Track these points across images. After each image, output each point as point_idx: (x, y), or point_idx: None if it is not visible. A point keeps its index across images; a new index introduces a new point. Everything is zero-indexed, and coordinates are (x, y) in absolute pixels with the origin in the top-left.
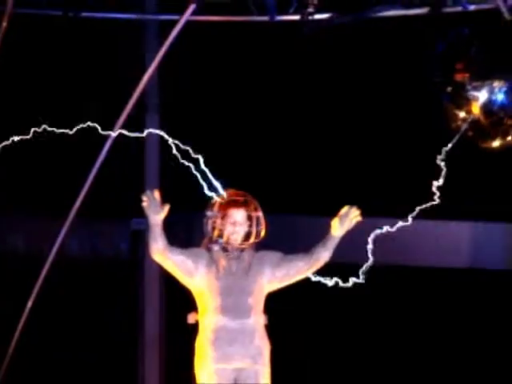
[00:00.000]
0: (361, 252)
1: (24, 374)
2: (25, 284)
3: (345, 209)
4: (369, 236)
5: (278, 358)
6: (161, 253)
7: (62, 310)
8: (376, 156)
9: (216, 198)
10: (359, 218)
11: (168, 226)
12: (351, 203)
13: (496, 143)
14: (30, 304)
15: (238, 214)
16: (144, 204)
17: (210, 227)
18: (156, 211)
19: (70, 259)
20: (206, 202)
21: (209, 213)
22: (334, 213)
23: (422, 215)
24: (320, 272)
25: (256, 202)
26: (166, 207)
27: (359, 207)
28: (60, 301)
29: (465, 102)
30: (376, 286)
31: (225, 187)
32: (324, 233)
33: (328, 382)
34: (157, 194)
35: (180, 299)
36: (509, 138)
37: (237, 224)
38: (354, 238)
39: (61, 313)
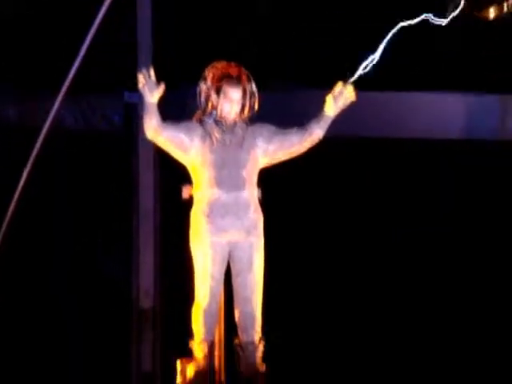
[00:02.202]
0: (356, 125)
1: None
2: (18, 156)
3: (339, 86)
4: (363, 109)
5: (271, 231)
6: (155, 130)
7: (57, 182)
8: (369, 26)
9: (208, 71)
10: (354, 97)
11: (161, 100)
12: (343, 76)
13: (491, 12)
14: (25, 175)
15: (235, 93)
16: (140, 84)
17: (203, 100)
18: (152, 90)
19: (64, 132)
20: (200, 74)
21: (202, 85)
22: (328, 85)
23: (416, 87)
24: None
25: (249, 74)
26: (162, 86)
27: (353, 82)
28: (54, 173)
29: None
30: (370, 158)
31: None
32: (318, 107)
33: (323, 253)
34: (152, 73)
35: (174, 172)
36: (504, 7)
37: (233, 102)
38: (347, 112)
39: (55, 185)
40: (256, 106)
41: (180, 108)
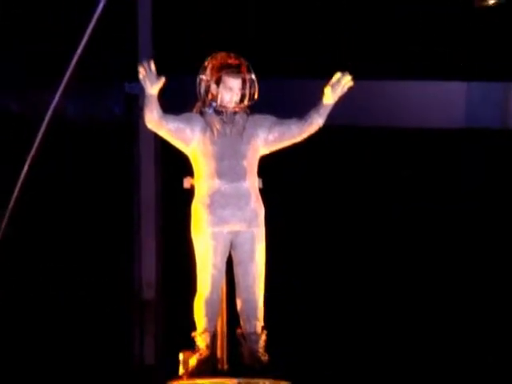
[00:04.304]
0: (354, 114)
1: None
2: (20, 146)
3: (337, 76)
4: (362, 98)
5: (273, 221)
6: (156, 122)
7: (58, 173)
8: (367, 16)
9: (208, 61)
10: (351, 84)
11: (160, 91)
12: (343, 66)
13: (491, 0)
14: (26, 167)
15: (235, 82)
16: (140, 76)
17: (203, 91)
18: (152, 82)
19: (65, 123)
20: (199, 66)
21: (202, 76)
22: (326, 75)
23: (416, 75)
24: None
25: (249, 64)
26: (162, 79)
27: (351, 70)
28: (55, 164)
29: None
30: (370, 147)
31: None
32: (317, 96)
33: (323, 241)
34: (153, 66)
35: (175, 163)
36: None
37: (233, 91)
38: (346, 100)
39: (56, 176)
40: (256, 96)
41: (179, 99)
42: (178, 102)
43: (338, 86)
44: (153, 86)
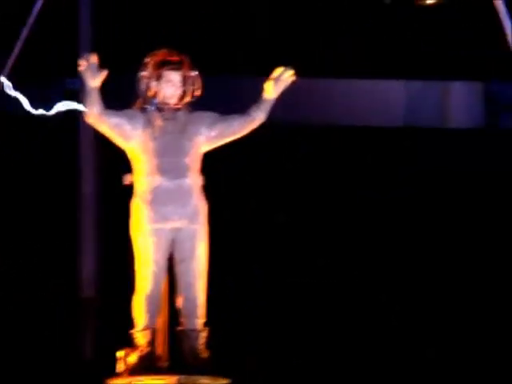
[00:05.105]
0: (295, 112)
1: None
2: None
3: (279, 70)
4: (303, 96)
5: (215, 218)
6: (96, 117)
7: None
8: (310, 16)
9: (149, 58)
10: (293, 79)
11: (102, 86)
12: (285, 63)
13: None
14: None
15: (175, 76)
16: (81, 68)
17: (144, 87)
18: (93, 76)
19: (5, 119)
20: (140, 61)
21: (142, 73)
22: (269, 73)
23: (356, 74)
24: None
25: (190, 61)
26: (104, 72)
27: (294, 67)
28: None
29: None
30: (314, 146)
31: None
32: (260, 93)
33: (267, 236)
34: (94, 58)
35: (115, 161)
36: None
37: (173, 86)
38: (288, 98)
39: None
40: (198, 93)
41: (118, 97)
42: (117, 101)
43: (280, 80)
44: (94, 79)
